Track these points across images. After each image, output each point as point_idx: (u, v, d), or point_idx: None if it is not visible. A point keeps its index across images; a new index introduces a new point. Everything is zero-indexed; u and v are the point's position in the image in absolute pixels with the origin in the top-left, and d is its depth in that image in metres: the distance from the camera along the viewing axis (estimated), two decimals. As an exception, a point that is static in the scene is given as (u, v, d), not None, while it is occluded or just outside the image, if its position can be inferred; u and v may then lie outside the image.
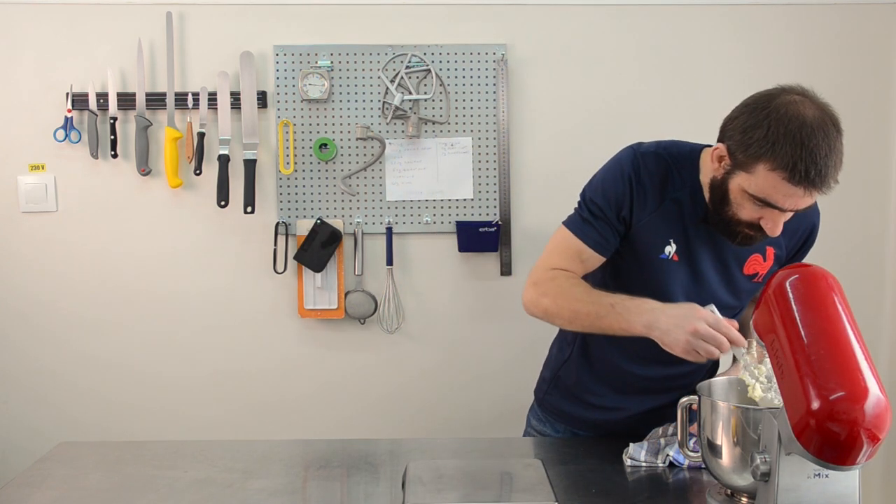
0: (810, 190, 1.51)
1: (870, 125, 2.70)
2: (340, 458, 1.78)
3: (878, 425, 1.20)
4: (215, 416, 2.70)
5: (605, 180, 1.76)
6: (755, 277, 1.81)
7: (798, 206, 1.55)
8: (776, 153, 1.49)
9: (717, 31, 2.66)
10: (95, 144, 2.57)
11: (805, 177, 1.48)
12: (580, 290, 1.69)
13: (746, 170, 1.55)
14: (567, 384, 1.94)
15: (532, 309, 1.76)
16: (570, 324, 1.73)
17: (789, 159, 1.48)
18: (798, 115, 1.50)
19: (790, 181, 1.50)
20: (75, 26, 2.58)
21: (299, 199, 2.64)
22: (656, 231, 1.73)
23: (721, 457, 1.44)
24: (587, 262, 1.75)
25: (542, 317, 1.75)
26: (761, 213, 1.59)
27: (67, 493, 1.61)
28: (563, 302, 1.70)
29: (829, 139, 1.50)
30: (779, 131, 1.49)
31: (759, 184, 1.54)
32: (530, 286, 1.77)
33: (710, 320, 1.52)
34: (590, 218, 1.74)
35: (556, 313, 1.72)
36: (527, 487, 1.55)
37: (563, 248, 1.77)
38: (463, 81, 2.63)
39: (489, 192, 2.66)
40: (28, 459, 1.91)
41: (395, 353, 2.72)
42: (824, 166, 1.49)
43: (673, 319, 1.54)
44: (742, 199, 1.60)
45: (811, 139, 1.48)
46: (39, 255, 2.64)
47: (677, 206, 1.72)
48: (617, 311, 1.62)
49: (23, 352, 2.66)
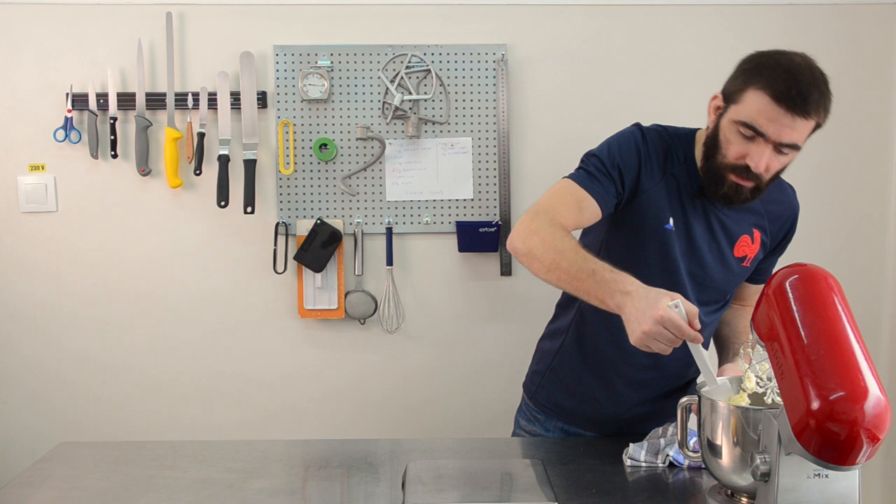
0: (792, 112, 1.60)
1: (870, 125, 2.70)
2: (340, 458, 1.78)
3: (877, 425, 1.20)
4: (215, 416, 2.70)
5: (613, 145, 1.80)
6: (744, 261, 1.85)
7: (782, 134, 1.62)
8: (762, 75, 1.63)
9: (718, 32, 2.66)
10: (95, 144, 2.57)
11: (787, 95, 1.59)
12: (570, 243, 1.63)
13: (736, 101, 1.67)
14: (561, 375, 1.95)
15: (518, 244, 1.68)
16: (548, 272, 1.63)
17: (774, 80, 1.61)
18: (787, 55, 1.66)
19: (774, 99, 1.60)
20: (75, 26, 2.58)
21: (299, 200, 2.64)
22: (661, 202, 1.77)
23: (721, 457, 1.44)
24: (585, 213, 1.73)
25: (525, 254, 1.67)
26: (747, 147, 1.66)
27: (67, 493, 1.61)
28: (550, 247, 1.63)
29: (814, 73, 1.63)
30: (767, 62, 1.65)
31: (746, 110, 1.65)
32: (525, 220, 1.70)
33: (666, 319, 1.45)
34: (595, 173, 1.75)
35: (539, 256, 1.64)
36: (527, 487, 1.55)
37: (564, 196, 1.74)
38: (463, 81, 2.63)
39: (489, 192, 2.66)
40: (28, 459, 1.92)
41: (395, 353, 2.72)
42: (807, 91, 1.60)
43: (636, 312, 1.48)
44: (731, 134, 1.68)
45: (797, 68, 1.62)
46: (39, 255, 2.64)
47: (675, 181, 1.79)
48: (596, 279, 1.56)
49: (23, 352, 2.66)
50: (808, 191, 2.10)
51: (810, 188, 2.32)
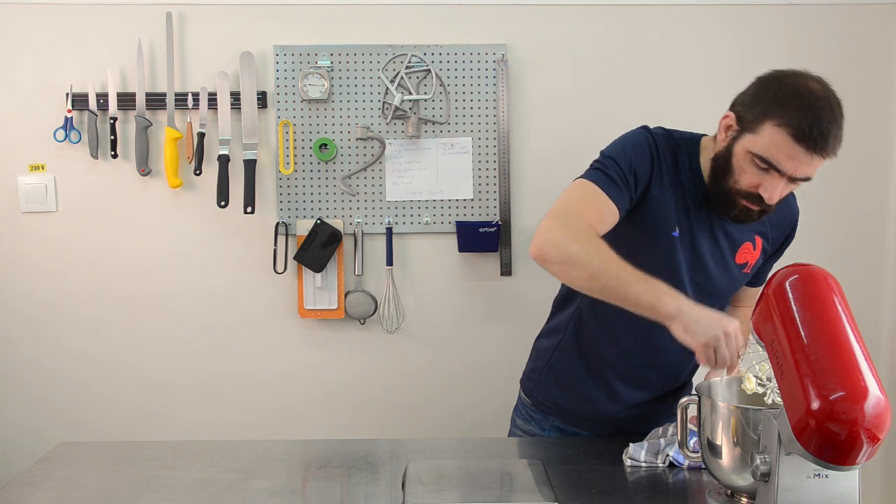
0: (811, 151, 1.57)
1: (870, 125, 2.70)
2: (340, 458, 1.78)
3: (877, 425, 1.20)
4: (215, 416, 2.70)
5: (626, 147, 1.75)
6: (745, 267, 1.85)
7: (798, 170, 1.60)
8: (783, 111, 1.58)
9: (718, 32, 2.66)
10: (95, 144, 2.57)
11: (808, 135, 1.55)
12: (613, 253, 1.59)
13: (752, 130, 1.63)
14: (558, 373, 1.95)
15: (550, 251, 1.61)
16: (590, 279, 1.59)
17: (795, 116, 1.56)
18: (806, 85, 1.60)
19: (794, 138, 1.57)
20: (75, 26, 2.58)
21: (299, 199, 2.64)
22: (668, 208, 1.75)
23: (721, 457, 1.44)
24: (607, 220, 1.68)
25: (560, 261, 1.61)
26: (761, 178, 1.64)
27: (67, 493, 1.61)
28: (595, 254, 1.58)
29: (833, 110, 1.59)
30: (787, 93, 1.59)
31: (764, 142, 1.60)
32: (558, 227, 1.62)
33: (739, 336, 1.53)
34: (615, 176, 1.70)
35: (581, 263, 1.58)
36: (527, 487, 1.55)
37: (589, 200, 1.67)
38: (463, 81, 2.63)
39: (489, 192, 2.66)
40: (28, 459, 1.92)
41: (395, 353, 2.72)
42: (827, 129, 1.56)
43: (707, 315, 1.53)
44: (745, 163, 1.65)
45: (817, 103, 1.57)
46: (39, 255, 2.64)
47: (682, 189, 1.77)
48: (650, 285, 1.55)
49: (23, 352, 2.66)
50: (808, 191, 2.09)
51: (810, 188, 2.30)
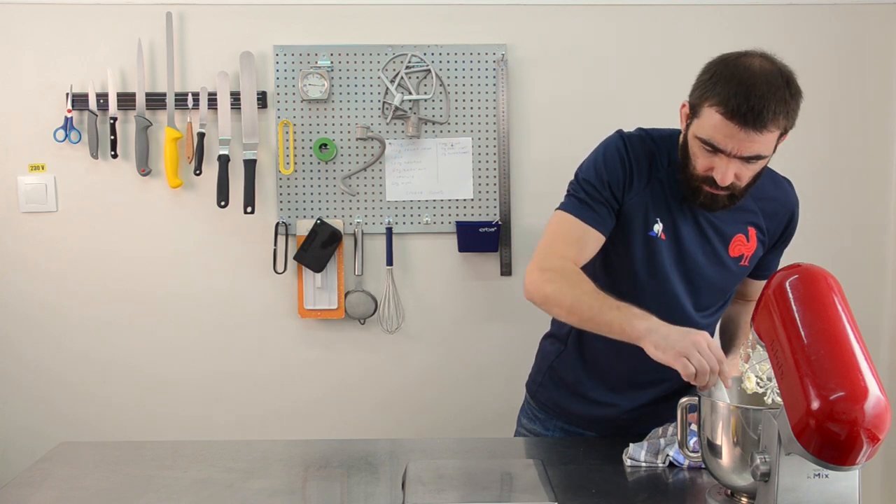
0: (744, 128, 1.56)
1: (870, 125, 2.70)
2: (340, 458, 1.78)
3: (877, 425, 1.20)
4: (215, 416, 2.70)
5: (597, 161, 1.78)
6: (741, 260, 1.84)
7: (740, 149, 1.60)
8: (716, 90, 1.58)
9: (718, 32, 2.65)
10: (95, 144, 2.57)
11: (738, 111, 1.55)
12: (587, 285, 1.68)
13: (697, 115, 1.64)
14: (562, 376, 1.95)
15: (533, 293, 1.74)
16: (569, 314, 1.70)
17: (725, 95, 1.56)
18: (746, 64, 1.59)
19: (726, 116, 1.56)
20: (75, 26, 2.58)
21: (299, 199, 2.64)
22: (645, 209, 1.76)
23: (721, 457, 1.44)
24: (589, 245, 1.75)
25: (541, 303, 1.73)
26: (711, 161, 1.64)
27: (67, 493, 1.61)
28: (567, 291, 1.68)
29: (772, 83, 1.56)
30: (723, 74, 1.60)
31: (704, 126, 1.62)
32: (535, 271, 1.74)
33: (712, 344, 1.53)
34: (587, 199, 1.75)
35: (557, 301, 1.70)
36: (527, 487, 1.55)
37: (565, 232, 1.76)
38: (463, 81, 2.63)
39: (489, 192, 2.66)
40: (28, 459, 1.92)
41: (395, 353, 2.72)
42: (759, 104, 1.55)
43: (676, 330, 1.55)
44: (696, 149, 1.66)
45: (750, 79, 1.56)
46: (39, 255, 2.64)
47: (661, 186, 1.77)
48: (622, 311, 1.61)
49: (23, 352, 2.66)
50: (808, 190, 2.09)
51: (810, 188, 2.32)
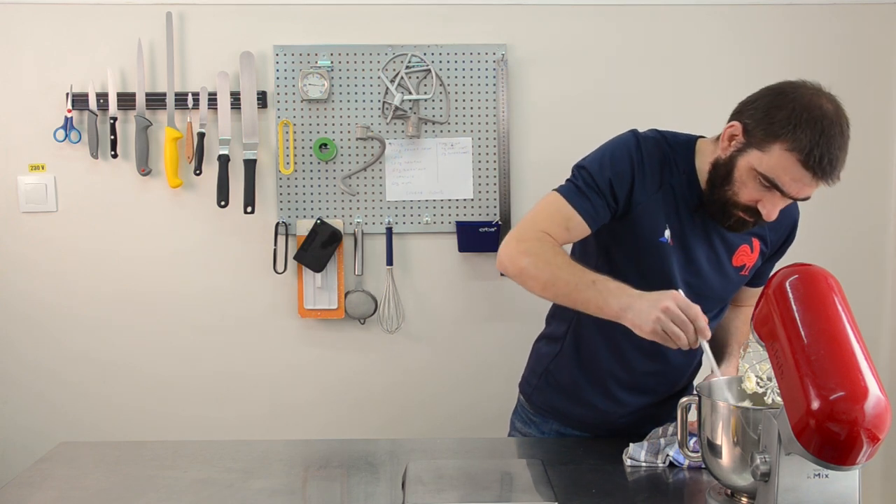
0: (817, 178, 1.57)
1: (870, 125, 2.69)
2: (340, 458, 1.78)
3: (877, 425, 1.20)
4: (215, 416, 2.70)
5: (605, 156, 1.75)
6: (742, 269, 1.84)
7: (800, 193, 1.60)
8: (796, 135, 1.55)
9: (718, 32, 2.66)
10: (95, 144, 2.57)
11: (818, 163, 1.55)
12: (563, 258, 1.67)
13: (761, 148, 1.60)
14: (558, 379, 1.94)
15: (507, 265, 1.70)
16: (544, 289, 1.67)
17: (807, 143, 1.55)
18: (819, 106, 1.57)
19: (803, 164, 1.56)
20: (75, 26, 2.58)
21: (299, 199, 2.64)
22: (656, 214, 1.74)
23: (721, 457, 1.44)
24: (573, 231, 1.72)
25: (516, 275, 1.69)
26: (762, 195, 1.63)
27: (67, 493, 1.61)
28: (544, 265, 1.65)
29: (843, 135, 1.58)
30: (802, 115, 1.56)
31: (771, 163, 1.59)
32: (512, 241, 1.71)
33: (682, 303, 1.52)
34: (584, 188, 1.72)
35: (533, 275, 1.66)
36: (527, 487, 1.55)
37: (552, 212, 1.73)
38: (463, 81, 2.63)
39: (489, 192, 2.66)
40: (28, 459, 1.91)
41: (395, 353, 2.72)
42: (836, 158, 1.56)
43: (647, 301, 1.53)
44: (747, 178, 1.63)
45: (830, 129, 1.55)
46: (39, 255, 2.64)
47: (673, 192, 1.75)
48: (597, 287, 1.59)
49: (23, 352, 2.66)
50: (808, 191, 2.10)
51: (810, 188, 2.32)
